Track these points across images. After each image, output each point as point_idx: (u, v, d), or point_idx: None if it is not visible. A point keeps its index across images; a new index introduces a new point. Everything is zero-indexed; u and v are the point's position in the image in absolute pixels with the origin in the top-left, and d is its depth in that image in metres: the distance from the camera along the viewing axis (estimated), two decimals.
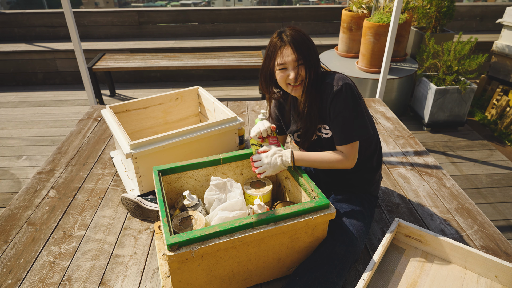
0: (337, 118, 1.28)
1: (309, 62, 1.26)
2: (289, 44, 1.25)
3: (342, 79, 1.27)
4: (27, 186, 1.79)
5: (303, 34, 1.28)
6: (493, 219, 2.41)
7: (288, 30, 1.28)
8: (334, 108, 1.27)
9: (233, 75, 4.79)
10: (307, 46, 1.26)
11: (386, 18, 3.30)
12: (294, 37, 1.25)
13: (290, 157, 1.34)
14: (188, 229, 1.28)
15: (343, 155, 1.32)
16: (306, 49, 1.26)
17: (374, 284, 1.25)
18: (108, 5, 7.95)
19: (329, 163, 1.34)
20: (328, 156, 1.34)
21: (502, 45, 3.83)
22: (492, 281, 1.26)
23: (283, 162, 1.34)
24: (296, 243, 1.22)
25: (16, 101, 4.20)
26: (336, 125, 1.29)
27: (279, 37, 1.28)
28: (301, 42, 1.25)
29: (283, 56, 1.26)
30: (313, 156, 1.36)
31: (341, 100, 1.25)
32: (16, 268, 1.34)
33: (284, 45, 1.26)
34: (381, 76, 2.76)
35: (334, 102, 1.26)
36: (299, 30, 1.29)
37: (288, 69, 1.28)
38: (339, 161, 1.32)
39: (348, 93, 1.25)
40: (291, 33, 1.26)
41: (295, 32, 1.27)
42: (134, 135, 1.98)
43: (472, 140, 3.38)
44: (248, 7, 5.34)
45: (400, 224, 1.39)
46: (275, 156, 1.34)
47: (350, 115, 1.26)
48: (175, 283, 1.12)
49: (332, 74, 1.32)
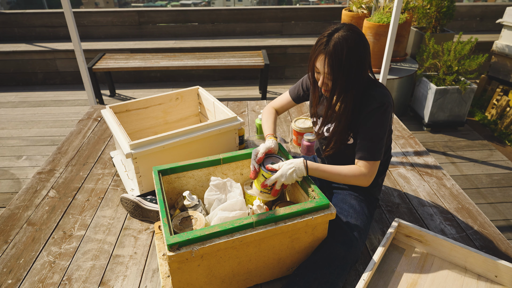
0: (369, 132, 1.24)
1: (337, 81, 1.19)
2: (326, 56, 1.17)
3: (387, 96, 1.24)
4: (27, 186, 1.79)
5: (351, 48, 1.15)
6: (493, 219, 2.41)
7: (341, 33, 1.17)
8: (369, 121, 1.24)
9: (233, 75, 4.79)
10: (344, 65, 1.16)
11: (386, 18, 3.30)
12: (337, 49, 1.15)
13: (304, 167, 1.27)
14: (188, 229, 1.28)
15: (361, 171, 1.27)
16: (341, 68, 1.17)
17: (374, 284, 1.25)
18: (108, 5, 7.95)
19: (345, 177, 1.28)
20: (345, 170, 1.28)
21: (502, 45, 3.83)
22: (492, 281, 1.26)
23: (297, 174, 1.27)
24: (296, 243, 1.22)
25: (16, 101, 4.20)
26: (366, 139, 1.25)
27: (328, 38, 1.18)
28: (339, 59, 1.16)
29: (318, 61, 1.21)
30: (328, 168, 1.29)
31: (379, 116, 1.23)
32: (16, 268, 1.34)
33: (323, 52, 1.18)
34: (381, 76, 2.76)
35: (370, 115, 1.23)
36: (350, 39, 1.15)
37: (320, 73, 1.24)
38: (357, 177, 1.27)
39: (387, 113, 1.23)
40: (339, 42, 1.15)
41: (344, 41, 1.15)
42: (134, 135, 1.98)
43: (472, 140, 3.38)
44: (248, 7, 5.33)
45: (400, 224, 1.39)
46: (288, 168, 1.27)
47: (382, 134, 1.25)
48: (175, 283, 1.12)
49: (379, 87, 1.27)
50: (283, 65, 4.80)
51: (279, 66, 4.79)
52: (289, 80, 4.80)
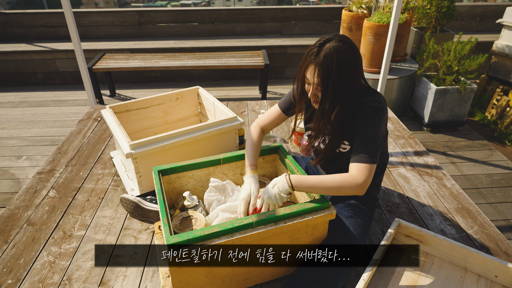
0: (363, 136, 1.22)
1: (327, 93, 1.17)
2: (316, 66, 1.16)
3: (381, 102, 1.23)
4: (27, 186, 1.79)
5: (341, 59, 1.13)
6: (493, 219, 2.41)
7: (332, 44, 1.15)
8: (363, 126, 1.22)
9: (233, 75, 4.79)
10: (334, 76, 1.14)
11: (386, 18, 3.30)
12: (327, 60, 1.13)
13: (287, 181, 1.21)
14: (188, 229, 1.28)
15: (356, 178, 1.17)
16: (331, 80, 1.15)
17: (374, 284, 1.25)
18: (108, 5, 7.96)
19: (338, 188, 1.18)
20: (336, 178, 1.19)
21: (502, 45, 3.83)
22: (492, 281, 1.26)
23: (280, 190, 1.21)
24: (296, 243, 1.22)
25: (16, 101, 4.20)
26: (360, 143, 1.22)
27: (318, 48, 1.16)
28: (329, 69, 1.14)
29: (308, 72, 1.20)
30: (313, 178, 1.21)
31: (373, 120, 1.21)
32: (16, 268, 1.34)
33: (313, 62, 1.17)
34: (381, 76, 2.76)
35: (364, 120, 1.21)
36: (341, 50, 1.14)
37: (310, 84, 1.23)
38: (350, 184, 1.17)
39: (381, 116, 1.21)
40: (329, 53, 1.13)
41: (335, 52, 1.13)
42: (134, 135, 1.98)
43: (472, 140, 3.38)
44: (248, 7, 5.34)
45: (400, 224, 1.39)
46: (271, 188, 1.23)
47: (377, 138, 1.22)
48: (175, 283, 1.12)
49: (373, 95, 1.24)
50: (283, 65, 4.80)
51: (279, 66, 4.79)
52: (289, 80, 4.80)
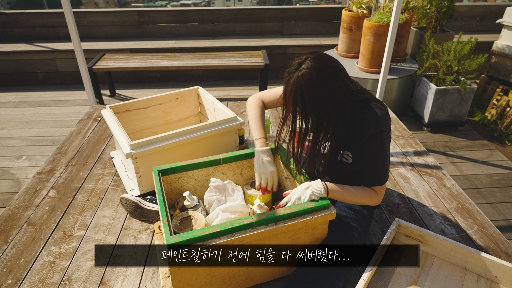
0: (371, 160, 1.23)
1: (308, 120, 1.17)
2: (284, 93, 1.17)
3: (383, 118, 1.20)
4: (27, 186, 1.79)
5: (310, 87, 1.09)
6: (493, 219, 2.41)
7: (301, 71, 1.10)
8: (369, 149, 1.22)
9: (233, 75, 4.79)
10: (308, 105, 1.12)
11: (386, 18, 3.30)
12: (296, 88, 1.11)
13: (323, 186, 1.21)
14: (188, 229, 1.28)
15: (377, 197, 1.27)
16: (306, 108, 1.13)
17: (374, 284, 1.25)
18: (108, 5, 7.96)
19: (361, 198, 1.25)
20: (362, 192, 1.26)
21: (502, 45, 3.83)
22: (492, 281, 1.26)
23: (315, 193, 1.19)
24: (296, 243, 1.22)
25: (16, 101, 4.20)
26: (370, 167, 1.25)
27: (290, 75, 1.14)
28: (302, 99, 1.11)
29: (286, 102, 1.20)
30: (345, 189, 1.24)
31: (378, 141, 1.21)
32: (16, 268, 1.34)
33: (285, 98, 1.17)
34: (381, 76, 2.76)
35: (368, 143, 1.21)
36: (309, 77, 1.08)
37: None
38: (371, 198, 1.26)
39: (385, 135, 1.22)
40: (298, 78, 1.10)
41: (303, 80, 1.09)
42: (134, 135, 1.98)
43: (472, 140, 3.38)
44: (248, 7, 5.34)
45: (400, 224, 1.39)
46: (304, 189, 1.21)
47: (384, 158, 1.24)
48: (175, 283, 1.12)
49: (373, 109, 1.20)
50: (283, 65, 4.79)
51: (279, 66, 4.79)
52: None
